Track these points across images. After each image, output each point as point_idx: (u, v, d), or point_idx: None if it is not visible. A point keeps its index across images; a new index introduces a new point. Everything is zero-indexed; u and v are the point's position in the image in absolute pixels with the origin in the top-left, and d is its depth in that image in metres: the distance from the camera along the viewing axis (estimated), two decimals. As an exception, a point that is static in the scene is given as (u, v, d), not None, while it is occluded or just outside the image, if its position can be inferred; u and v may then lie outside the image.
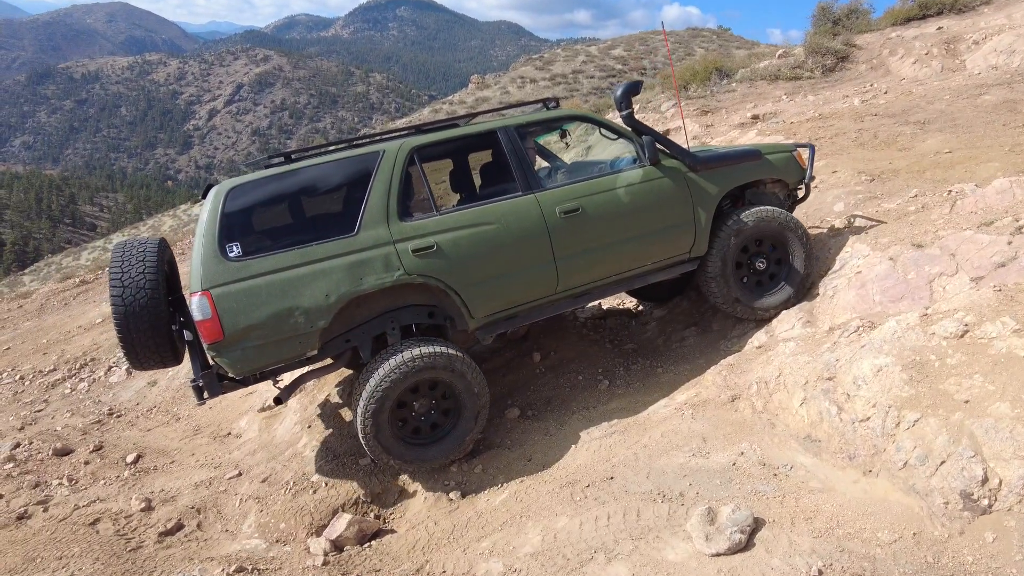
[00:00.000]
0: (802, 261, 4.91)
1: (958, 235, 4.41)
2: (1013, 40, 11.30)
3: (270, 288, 3.87)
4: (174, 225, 32.08)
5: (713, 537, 2.85)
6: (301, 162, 4.22)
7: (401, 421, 4.22)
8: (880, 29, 16.93)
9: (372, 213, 4.11)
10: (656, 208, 4.61)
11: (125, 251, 4.16)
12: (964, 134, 8.12)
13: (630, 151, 4.82)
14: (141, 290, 3.98)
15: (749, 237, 4.84)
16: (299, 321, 3.91)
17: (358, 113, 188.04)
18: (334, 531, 3.92)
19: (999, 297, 3.53)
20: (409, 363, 4.02)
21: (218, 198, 3.97)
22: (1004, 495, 2.64)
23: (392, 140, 4.40)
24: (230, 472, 4.94)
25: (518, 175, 4.43)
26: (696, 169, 4.76)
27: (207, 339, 3.84)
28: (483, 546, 3.46)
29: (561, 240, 4.37)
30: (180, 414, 6.66)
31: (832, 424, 3.42)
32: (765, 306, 4.90)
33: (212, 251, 3.86)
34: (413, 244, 4.10)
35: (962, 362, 3.21)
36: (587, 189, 4.51)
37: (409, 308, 4.27)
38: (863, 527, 2.85)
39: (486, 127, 4.55)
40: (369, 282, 4.01)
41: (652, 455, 3.74)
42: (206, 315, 3.78)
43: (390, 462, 4.19)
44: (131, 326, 3.99)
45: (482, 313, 4.33)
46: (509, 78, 32.74)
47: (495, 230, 4.25)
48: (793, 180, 5.25)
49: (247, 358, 3.91)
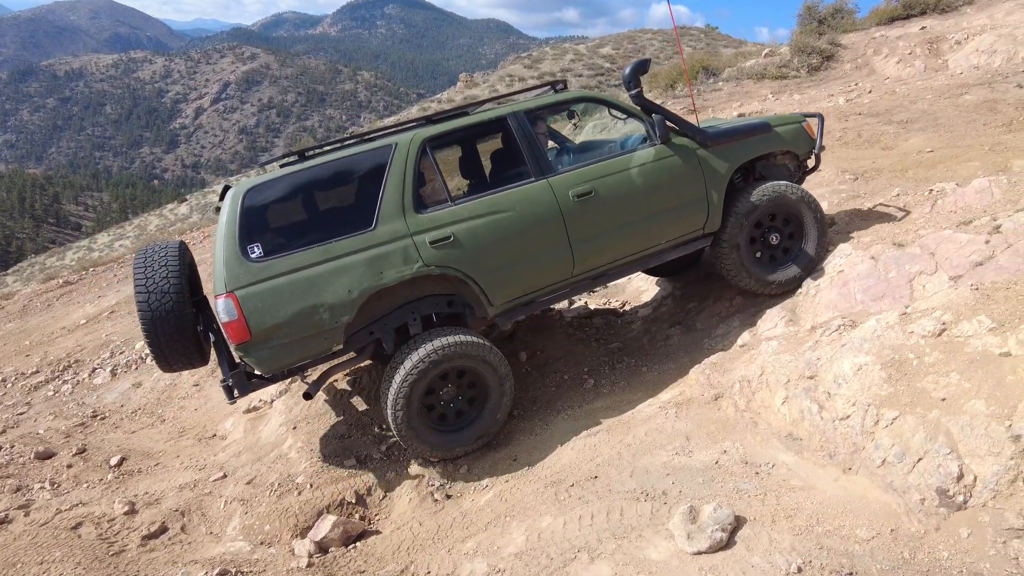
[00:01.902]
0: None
1: (938, 234, 4.46)
2: (994, 40, 11.43)
3: (293, 287, 3.92)
4: (160, 224, 31.83)
5: (695, 536, 2.88)
6: (315, 160, 4.25)
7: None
8: (865, 29, 17.07)
9: (388, 207, 4.16)
10: (669, 186, 4.62)
11: (147, 257, 4.24)
12: (946, 133, 8.21)
13: (640, 130, 4.83)
14: (166, 295, 4.08)
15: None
16: (324, 317, 3.97)
17: (346, 111, 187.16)
18: (319, 532, 3.92)
19: (976, 296, 3.58)
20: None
21: (236, 200, 4.00)
22: (979, 491, 2.68)
23: (403, 132, 4.41)
24: (215, 474, 4.91)
25: (530, 160, 4.46)
26: (707, 145, 4.76)
27: (234, 340, 3.89)
28: (468, 546, 3.47)
29: (576, 224, 4.40)
30: (165, 416, 6.62)
31: (813, 422, 3.46)
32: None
33: (234, 253, 3.90)
34: (430, 236, 4.15)
35: (939, 360, 3.25)
36: (599, 171, 4.51)
37: (429, 298, 4.32)
38: (842, 524, 2.89)
39: (496, 114, 4.56)
40: (390, 276, 4.06)
41: (636, 454, 3.76)
42: (232, 316, 3.84)
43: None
44: (159, 330, 4.09)
45: (501, 300, 4.37)
46: (498, 76, 32.71)
47: (510, 217, 4.29)
48: (803, 151, 5.26)
49: (275, 356, 3.97)
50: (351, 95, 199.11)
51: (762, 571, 2.67)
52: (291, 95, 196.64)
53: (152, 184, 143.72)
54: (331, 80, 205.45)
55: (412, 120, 4.63)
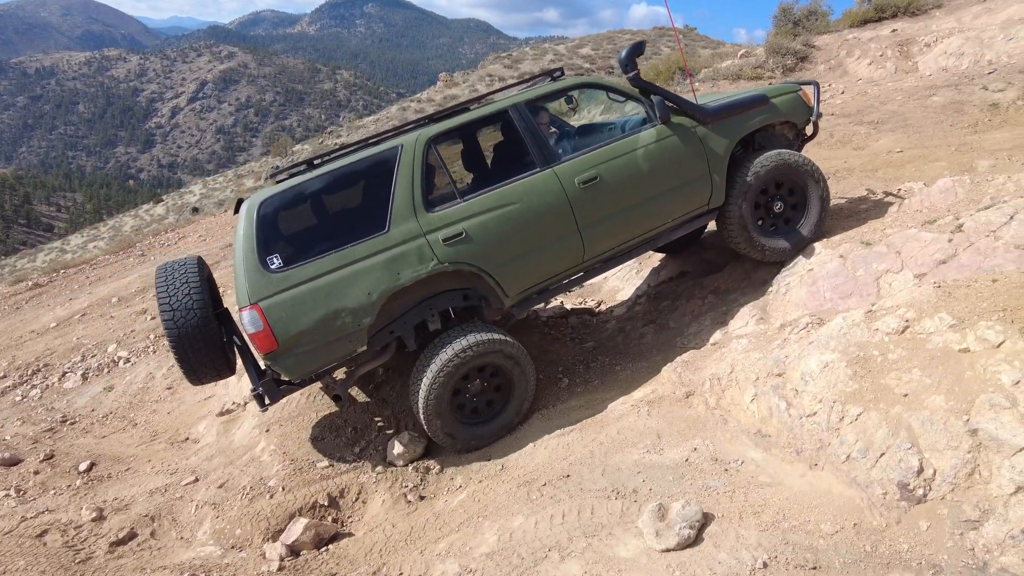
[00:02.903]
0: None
1: (904, 233, 4.54)
2: (962, 43, 11.67)
3: (315, 294, 3.99)
4: (136, 225, 31.32)
5: (663, 533, 2.90)
6: (323, 168, 4.29)
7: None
8: (838, 31, 17.32)
9: (400, 208, 4.22)
10: (672, 166, 4.68)
11: (168, 274, 4.32)
12: (915, 134, 8.38)
13: (639, 111, 4.89)
14: (191, 311, 4.16)
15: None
16: (346, 321, 4.04)
17: (325, 111, 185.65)
18: (290, 536, 3.89)
19: (938, 293, 3.65)
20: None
21: (251, 213, 4.07)
22: (938, 484, 2.73)
23: (408, 133, 4.47)
24: (186, 478, 4.86)
25: (534, 151, 4.52)
26: (706, 122, 4.82)
27: (262, 350, 3.96)
28: (440, 547, 3.47)
29: (583, 210, 4.46)
30: (137, 420, 6.53)
31: (781, 419, 3.50)
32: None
33: (254, 265, 3.97)
34: (443, 233, 4.22)
35: (902, 357, 3.31)
36: (603, 156, 4.57)
37: (445, 294, 4.38)
38: (807, 519, 2.93)
39: (497, 107, 4.60)
40: (407, 275, 4.14)
41: (608, 452, 3.78)
42: (258, 327, 3.90)
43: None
44: (186, 346, 4.18)
45: (516, 291, 4.45)
46: (478, 76, 32.66)
47: (519, 209, 4.35)
48: (801, 120, 5.32)
49: (302, 362, 4.06)
50: (330, 94, 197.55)
51: (728, 567, 2.70)
52: (269, 94, 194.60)
53: (127, 184, 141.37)
54: (310, 79, 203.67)
55: (414, 121, 4.68)
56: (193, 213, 26.66)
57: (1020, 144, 6.77)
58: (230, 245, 12.90)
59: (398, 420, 4.96)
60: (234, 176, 36.04)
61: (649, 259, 6.95)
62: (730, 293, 5.22)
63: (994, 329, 3.07)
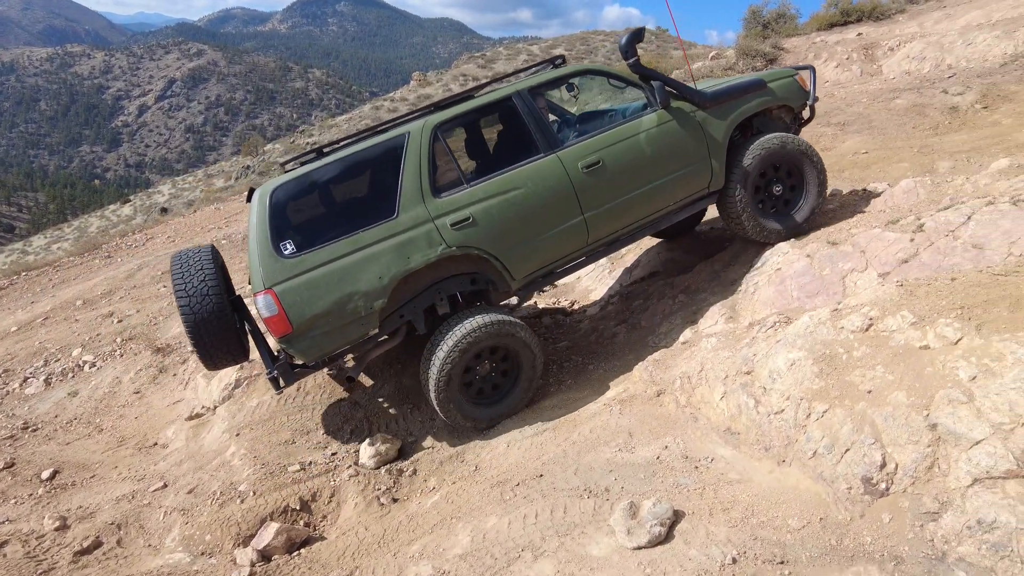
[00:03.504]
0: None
1: (868, 232, 4.65)
2: (923, 48, 11.97)
3: (328, 278, 4.10)
4: (102, 226, 30.61)
5: (634, 531, 2.93)
6: (333, 155, 4.40)
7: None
8: (806, 34, 17.65)
9: (408, 194, 4.32)
10: (672, 150, 4.78)
11: (183, 262, 4.44)
12: (879, 135, 8.58)
13: (639, 97, 4.98)
14: (206, 297, 4.28)
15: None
16: (359, 305, 4.16)
17: (297, 109, 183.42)
18: (261, 540, 3.84)
19: (900, 292, 3.74)
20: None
21: (263, 200, 4.19)
22: (900, 478, 2.80)
23: (414, 121, 4.55)
24: (155, 484, 4.77)
25: (538, 136, 4.61)
26: (705, 106, 4.92)
27: (277, 333, 4.07)
28: (413, 549, 3.45)
29: (586, 194, 4.56)
30: (103, 425, 6.38)
31: (750, 417, 3.56)
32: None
33: (268, 251, 4.08)
34: (450, 218, 4.32)
35: (866, 354, 3.38)
36: (605, 141, 4.66)
37: (453, 278, 4.48)
38: (775, 515, 2.98)
39: (501, 94, 4.69)
40: (416, 260, 4.24)
41: (581, 451, 3.80)
42: (273, 312, 4.02)
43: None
44: (202, 331, 4.30)
45: (522, 274, 4.56)
46: (451, 75, 32.58)
47: (524, 194, 4.45)
48: (798, 104, 5.42)
49: (317, 345, 4.17)
50: (302, 93, 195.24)
51: (699, 563, 2.74)
52: (240, 93, 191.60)
53: (93, 184, 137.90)
54: (281, 78, 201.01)
55: (420, 109, 4.75)
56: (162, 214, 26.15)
57: (978, 146, 6.97)
58: (199, 246, 12.68)
59: (371, 423, 4.93)
60: (204, 176, 35.43)
61: (621, 259, 7.01)
62: (700, 292, 5.29)
63: (952, 326, 3.16)
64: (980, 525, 2.49)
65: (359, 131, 4.70)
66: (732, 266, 5.32)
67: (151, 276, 11.26)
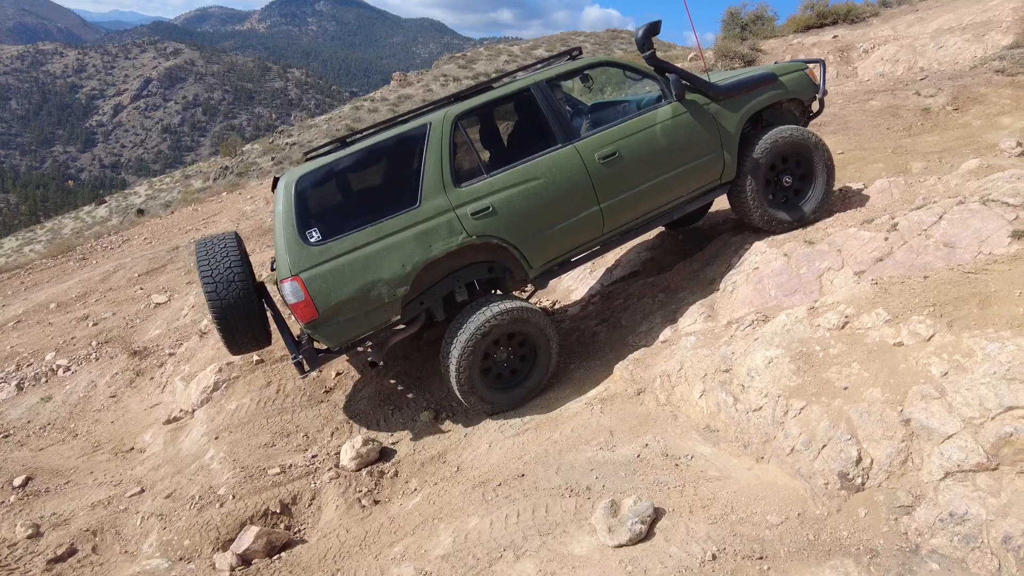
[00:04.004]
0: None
1: (844, 232, 4.72)
2: (897, 50, 12.18)
3: (353, 265, 4.20)
4: (76, 228, 30.01)
5: (616, 529, 2.95)
6: (356, 145, 4.48)
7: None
8: (783, 36, 17.86)
9: (430, 183, 4.41)
10: (686, 141, 4.87)
11: (208, 249, 4.56)
12: (855, 136, 8.70)
13: (653, 89, 5.08)
14: (232, 283, 4.41)
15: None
16: (382, 291, 4.26)
17: (276, 110, 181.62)
18: (241, 544, 3.80)
19: (875, 290, 3.80)
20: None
21: (289, 189, 4.27)
22: (875, 473, 2.85)
23: (435, 112, 4.63)
24: (132, 489, 4.70)
25: (556, 128, 4.69)
26: (719, 99, 5.00)
27: (303, 319, 4.17)
28: (395, 551, 3.44)
29: (602, 184, 4.65)
30: (78, 430, 6.27)
31: (729, 414, 3.60)
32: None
33: (294, 238, 4.17)
34: (471, 207, 4.41)
35: (843, 352, 3.44)
36: (621, 132, 4.74)
37: (471, 266, 4.57)
38: (754, 511, 3.02)
39: (519, 85, 4.76)
40: (438, 248, 4.33)
41: (562, 451, 3.81)
42: (299, 298, 4.11)
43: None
44: (228, 316, 4.42)
45: (539, 262, 4.66)
46: (432, 76, 32.45)
47: (542, 184, 4.54)
48: (807, 97, 5.50)
49: (341, 331, 4.28)
50: (281, 93, 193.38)
51: (679, 560, 2.77)
52: (218, 93, 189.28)
53: (66, 185, 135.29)
54: (260, 78, 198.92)
55: (438, 100, 4.82)
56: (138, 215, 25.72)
57: (949, 147, 7.10)
58: (176, 248, 12.52)
59: (351, 425, 4.91)
60: (182, 177, 34.93)
61: (602, 259, 7.03)
62: (679, 292, 5.33)
63: (925, 323, 3.23)
64: (952, 518, 2.54)
65: (380, 122, 4.82)
66: (711, 265, 5.37)
67: (127, 278, 11.08)
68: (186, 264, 11.33)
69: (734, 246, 5.32)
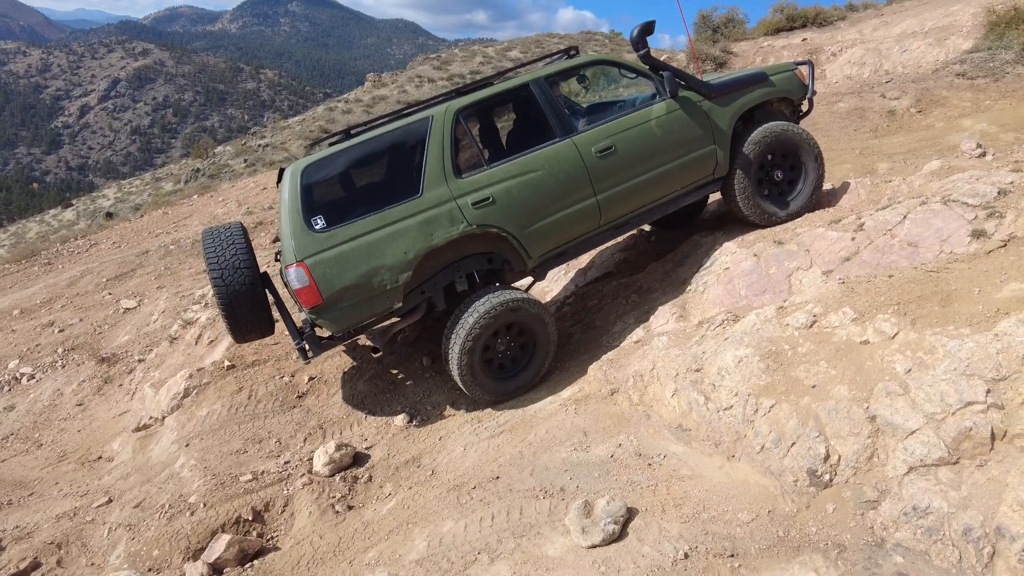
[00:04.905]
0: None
1: (812, 232, 4.80)
2: (863, 54, 12.43)
3: (356, 252, 4.30)
4: (42, 231, 29.28)
5: (589, 529, 2.96)
6: (361, 136, 4.60)
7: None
8: (754, 38, 18.13)
9: (432, 174, 4.53)
10: (680, 137, 5.01)
11: (215, 237, 4.66)
12: (823, 138, 8.86)
13: (648, 87, 5.22)
14: (238, 270, 4.51)
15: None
16: (385, 278, 4.36)
17: (248, 111, 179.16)
18: (212, 553, 3.73)
19: (842, 289, 3.88)
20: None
21: (295, 177, 4.38)
22: (842, 469, 2.91)
23: (437, 105, 4.76)
24: (99, 500, 4.59)
25: (553, 122, 4.82)
26: (711, 97, 5.15)
27: (307, 304, 4.27)
28: (369, 557, 3.42)
29: (599, 177, 4.78)
30: (43, 440, 6.12)
31: (700, 413, 3.63)
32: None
33: (299, 225, 4.27)
34: (471, 198, 4.53)
35: (811, 350, 3.50)
36: (617, 127, 4.88)
37: (471, 257, 4.68)
38: (726, 509, 3.05)
39: (519, 81, 4.91)
40: (439, 236, 4.44)
41: (537, 452, 3.82)
42: (304, 283, 4.21)
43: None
44: (234, 303, 4.52)
45: (538, 253, 4.77)
46: (407, 77, 32.29)
47: (541, 176, 4.66)
48: (797, 97, 5.65)
49: (344, 317, 4.38)
50: (253, 94, 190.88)
51: (652, 560, 2.79)
52: (189, 94, 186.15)
53: (31, 187, 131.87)
54: (232, 79, 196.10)
55: (442, 94, 4.96)
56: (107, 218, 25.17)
57: (913, 148, 7.28)
58: (145, 252, 12.28)
59: (324, 430, 4.86)
60: (152, 179, 34.28)
61: (576, 260, 7.06)
62: (652, 292, 5.38)
63: (890, 322, 3.30)
64: (915, 511, 2.60)
65: (383, 114, 4.93)
66: (682, 266, 5.42)
67: (95, 283, 10.85)
68: (156, 268, 11.13)
69: (705, 247, 5.38)
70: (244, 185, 17.42)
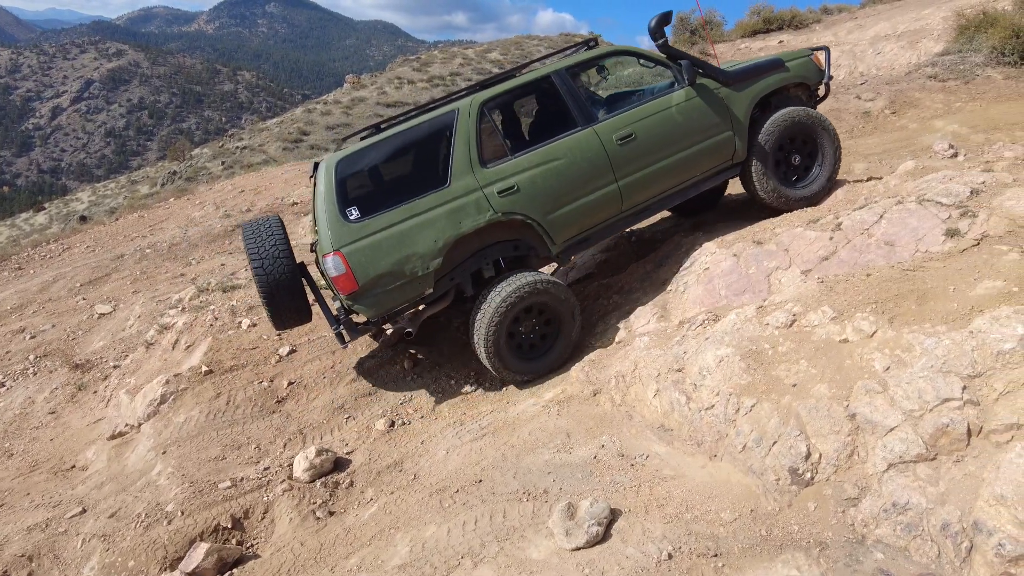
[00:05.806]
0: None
1: (791, 232, 4.84)
2: (838, 56, 12.61)
3: (389, 240, 4.49)
4: (13, 236, 28.65)
5: (572, 532, 2.95)
6: (390, 131, 4.77)
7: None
8: (732, 40, 18.32)
9: (459, 165, 4.70)
10: (699, 124, 5.13)
11: (255, 230, 4.86)
12: (800, 139, 8.96)
13: (667, 76, 5.37)
14: (278, 260, 4.71)
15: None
16: (417, 265, 4.56)
17: (226, 113, 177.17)
18: (190, 563, 3.66)
19: (821, 288, 3.91)
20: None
21: (330, 171, 4.58)
22: (823, 467, 2.93)
23: (462, 98, 4.90)
24: (72, 510, 4.49)
25: (575, 112, 4.96)
26: (729, 84, 5.25)
27: (344, 291, 4.48)
28: (351, 563, 3.37)
29: (620, 164, 4.92)
30: (14, 450, 5.97)
31: (682, 413, 3.64)
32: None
33: (335, 216, 4.48)
34: (497, 187, 4.69)
35: (791, 349, 3.52)
36: (637, 115, 5.01)
37: (498, 244, 4.84)
38: (708, 509, 3.06)
39: (541, 73, 5.05)
40: (467, 224, 4.62)
41: (520, 454, 3.80)
42: (341, 271, 4.42)
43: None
44: (275, 292, 4.72)
45: (562, 239, 4.92)
46: (386, 78, 32.13)
47: (564, 164, 4.81)
48: (814, 82, 5.72)
49: (379, 302, 4.58)
50: (231, 96, 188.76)
51: (636, 561, 2.78)
52: (164, 95, 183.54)
53: (1, 191, 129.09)
54: (209, 80, 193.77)
55: (466, 87, 5.11)
56: (81, 222, 24.69)
57: (888, 149, 7.39)
58: (121, 256, 12.06)
59: (304, 435, 4.80)
60: (127, 182, 33.72)
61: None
62: (633, 293, 5.39)
63: (868, 320, 3.33)
64: (895, 507, 2.63)
65: (409, 109, 5.08)
66: (663, 266, 5.44)
67: (68, 288, 10.63)
68: (132, 272, 10.94)
69: (685, 247, 5.40)
70: (222, 187, 17.19)
